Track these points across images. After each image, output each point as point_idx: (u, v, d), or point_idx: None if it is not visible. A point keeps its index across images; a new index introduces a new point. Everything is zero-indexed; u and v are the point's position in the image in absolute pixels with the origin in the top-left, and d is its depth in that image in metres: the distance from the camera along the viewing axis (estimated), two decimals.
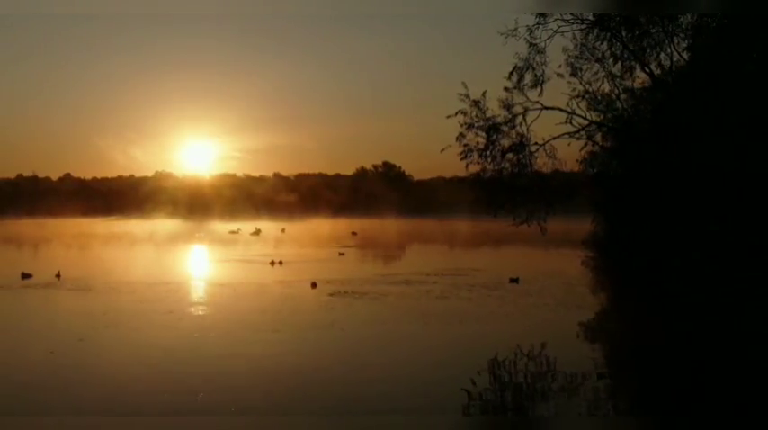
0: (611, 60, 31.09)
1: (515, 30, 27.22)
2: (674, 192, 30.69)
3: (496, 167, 31.42)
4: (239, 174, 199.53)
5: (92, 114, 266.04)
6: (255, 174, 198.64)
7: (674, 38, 28.69)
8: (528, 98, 31.21)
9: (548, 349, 17.87)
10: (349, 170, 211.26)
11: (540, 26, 27.24)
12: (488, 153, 31.67)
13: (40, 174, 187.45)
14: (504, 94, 31.26)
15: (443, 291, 28.78)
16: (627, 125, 33.10)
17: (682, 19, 29.26)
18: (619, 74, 31.77)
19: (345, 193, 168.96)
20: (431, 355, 17.35)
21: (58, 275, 33.31)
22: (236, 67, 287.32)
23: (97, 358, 17.10)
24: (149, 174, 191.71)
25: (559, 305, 25.73)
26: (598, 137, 34.04)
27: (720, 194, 28.20)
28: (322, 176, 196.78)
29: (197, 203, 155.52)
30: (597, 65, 31.51)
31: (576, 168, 35.19)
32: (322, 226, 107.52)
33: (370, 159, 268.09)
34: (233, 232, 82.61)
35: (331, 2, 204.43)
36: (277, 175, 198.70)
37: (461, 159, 31.96)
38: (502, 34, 27.44)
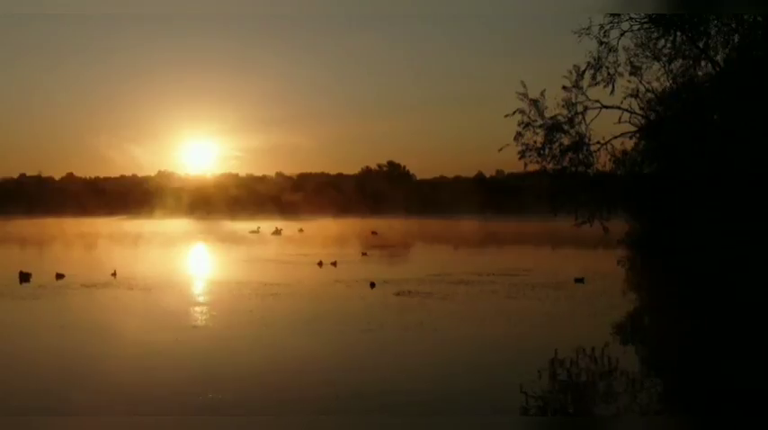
0: (669, 58, 31.03)
1: (588, 28, 27.07)
2: (718, 191, 30.66)
3: (557, 166, 31.29)
4: (242, 173, 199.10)
5: (92, 114, 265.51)
6: (258, 173, 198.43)
7: (742, 36, 28.61)
8: (587, 97, 31.20)
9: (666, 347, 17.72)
10: (351, 169, 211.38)
11: (614, 25, 27.06)
12: (546, 152, 31.58)
13: (43, 174, 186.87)
14: (562, 93, 31.25)
15: (509, 292, 28.59)
16: (674, 123, 33.02)
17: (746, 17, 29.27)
18: (679, 72, 31.73)
19: (352, 193, 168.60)
20: (539, 357, 17.06)
21: (113, 274, 33.01)
22: (237, 66, 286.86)
23: (208, 358, 16.82)
24: (152, 173, 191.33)
25: (631, 304, 25.65)
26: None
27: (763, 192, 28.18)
28: (324, 176, 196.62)
29: (203, 203, 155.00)
30: (657, 63, 31.41)
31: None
32: (336, 225, 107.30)
33: (370, 159, 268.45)
34: (253, 232, 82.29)
35: (334, 1, 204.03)
36: (279, 175, 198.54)
37: (519, 158, 31.86)
38: (575, 32, 27.33)
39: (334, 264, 38.93)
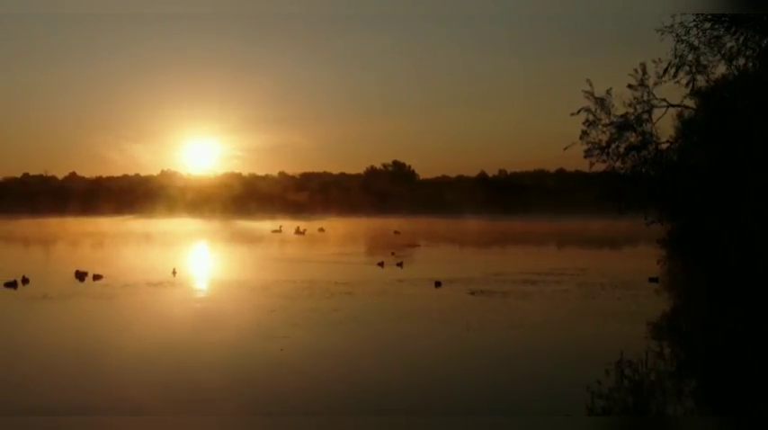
0: (731, 56, 30.86)
1: (672, 26, 26.88)
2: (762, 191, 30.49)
3: (624, 165, 31.17)
4: (244, 173, 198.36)
5: (94, 114, 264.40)
6: (260, 173, 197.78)
7: None
8: (654, 95, 31.08)
9: None
10: (353, 169, 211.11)
11: (698, 24, 26.88)
12: (610, 150, 31.44)
13: (47, 173, 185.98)
14: (627, 92, 31.14)
15: (583, 292, 28.40)
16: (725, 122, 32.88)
17: None
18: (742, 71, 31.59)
19: (359, 192, 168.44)
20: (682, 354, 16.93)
21: (174, 273, 32.77)
22: (238, 65, 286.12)
23: (324, 357, 16.62)
24: (154, 173, 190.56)
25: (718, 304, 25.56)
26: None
27: None
28: (327, 175, 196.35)
29: (209, 202, 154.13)
30: (723, 62, 31.22)
31: None
32: (352, 225, 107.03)
33: (372, 158, 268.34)
34: (275, 231, 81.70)
35: (338, 1, 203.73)
36: (282, 174, 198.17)
37: (585, 157, 31.70)
38: (658, 31, 27.11)
39: (399, 264, 38.39)
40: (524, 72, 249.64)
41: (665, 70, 27.88)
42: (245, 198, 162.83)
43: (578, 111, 31.39)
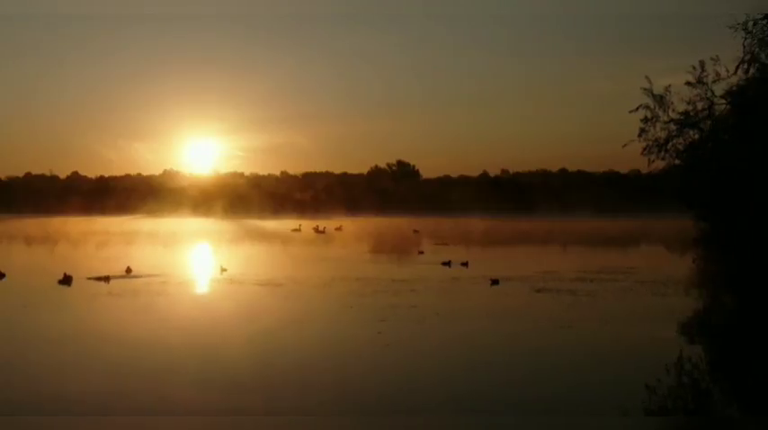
0: None
1: (745, 23, 26.63)
2: None
3: (683, 163, 30.95)
4: (246, 172, 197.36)
5: (94, 114, 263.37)
6: (262, 172, 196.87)
7: None
8: (713, 92, 30.83)
9: None
10: (354, 168, 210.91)
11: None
12: (670, 147, 31.19)
13: (50, 173, 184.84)
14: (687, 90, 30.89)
15: (649, 290, 28.22)
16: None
17: None
18: None
19: (364, 191, 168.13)
20: None
21: (222, 270, 32.65)
22: (240, 65, 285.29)
23: (430, 355, 16.41)
24: (156, 172, 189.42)
25: None
26: None
27: None
28: (329, 175, 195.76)
29: (216, 201, 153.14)
30: None
31: None
32: (366, 224, 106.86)
33: (373, 158, 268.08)
34: (295, 230, 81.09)
35: (340, 0, 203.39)
36: (284, 174, 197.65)
37: (642, 154, 31.43)
38: (730, 27, 26.85)
39: (465, 264, 37.75)
40: (526, 72, 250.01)
41: (737, 66, 27.63)
42: (250, 197, 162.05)
43: (637, 109, 31.16)
